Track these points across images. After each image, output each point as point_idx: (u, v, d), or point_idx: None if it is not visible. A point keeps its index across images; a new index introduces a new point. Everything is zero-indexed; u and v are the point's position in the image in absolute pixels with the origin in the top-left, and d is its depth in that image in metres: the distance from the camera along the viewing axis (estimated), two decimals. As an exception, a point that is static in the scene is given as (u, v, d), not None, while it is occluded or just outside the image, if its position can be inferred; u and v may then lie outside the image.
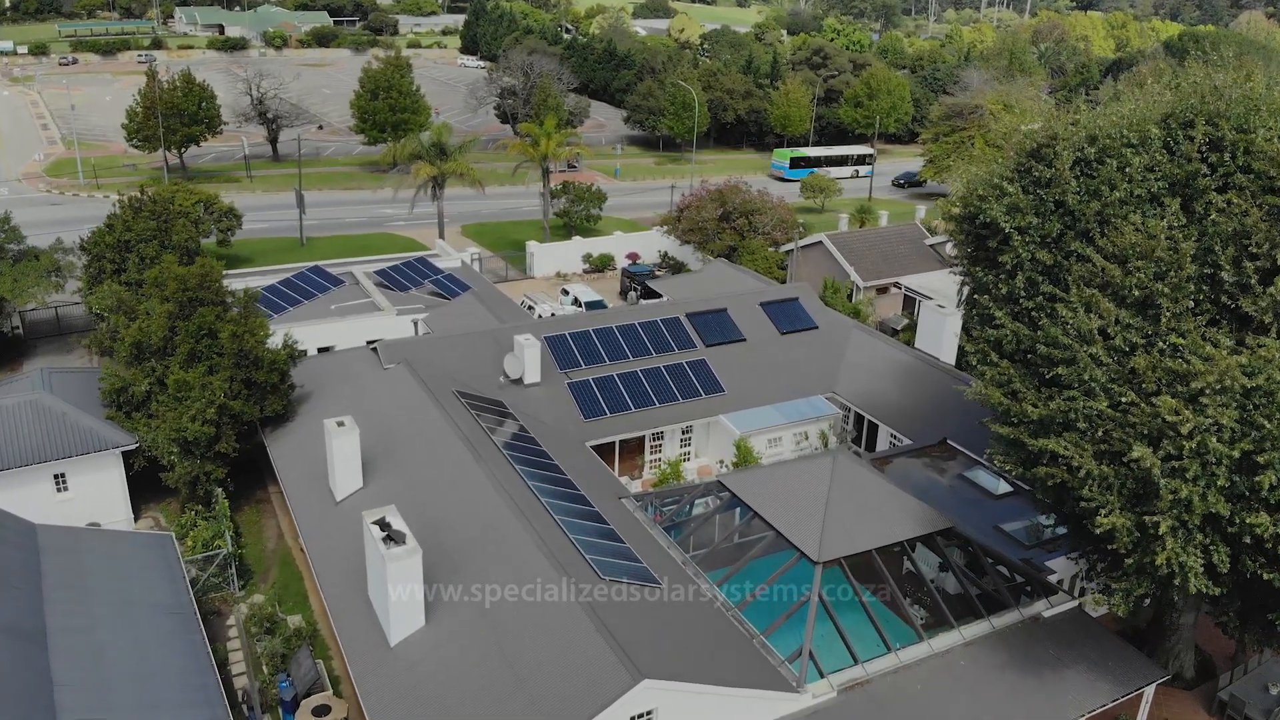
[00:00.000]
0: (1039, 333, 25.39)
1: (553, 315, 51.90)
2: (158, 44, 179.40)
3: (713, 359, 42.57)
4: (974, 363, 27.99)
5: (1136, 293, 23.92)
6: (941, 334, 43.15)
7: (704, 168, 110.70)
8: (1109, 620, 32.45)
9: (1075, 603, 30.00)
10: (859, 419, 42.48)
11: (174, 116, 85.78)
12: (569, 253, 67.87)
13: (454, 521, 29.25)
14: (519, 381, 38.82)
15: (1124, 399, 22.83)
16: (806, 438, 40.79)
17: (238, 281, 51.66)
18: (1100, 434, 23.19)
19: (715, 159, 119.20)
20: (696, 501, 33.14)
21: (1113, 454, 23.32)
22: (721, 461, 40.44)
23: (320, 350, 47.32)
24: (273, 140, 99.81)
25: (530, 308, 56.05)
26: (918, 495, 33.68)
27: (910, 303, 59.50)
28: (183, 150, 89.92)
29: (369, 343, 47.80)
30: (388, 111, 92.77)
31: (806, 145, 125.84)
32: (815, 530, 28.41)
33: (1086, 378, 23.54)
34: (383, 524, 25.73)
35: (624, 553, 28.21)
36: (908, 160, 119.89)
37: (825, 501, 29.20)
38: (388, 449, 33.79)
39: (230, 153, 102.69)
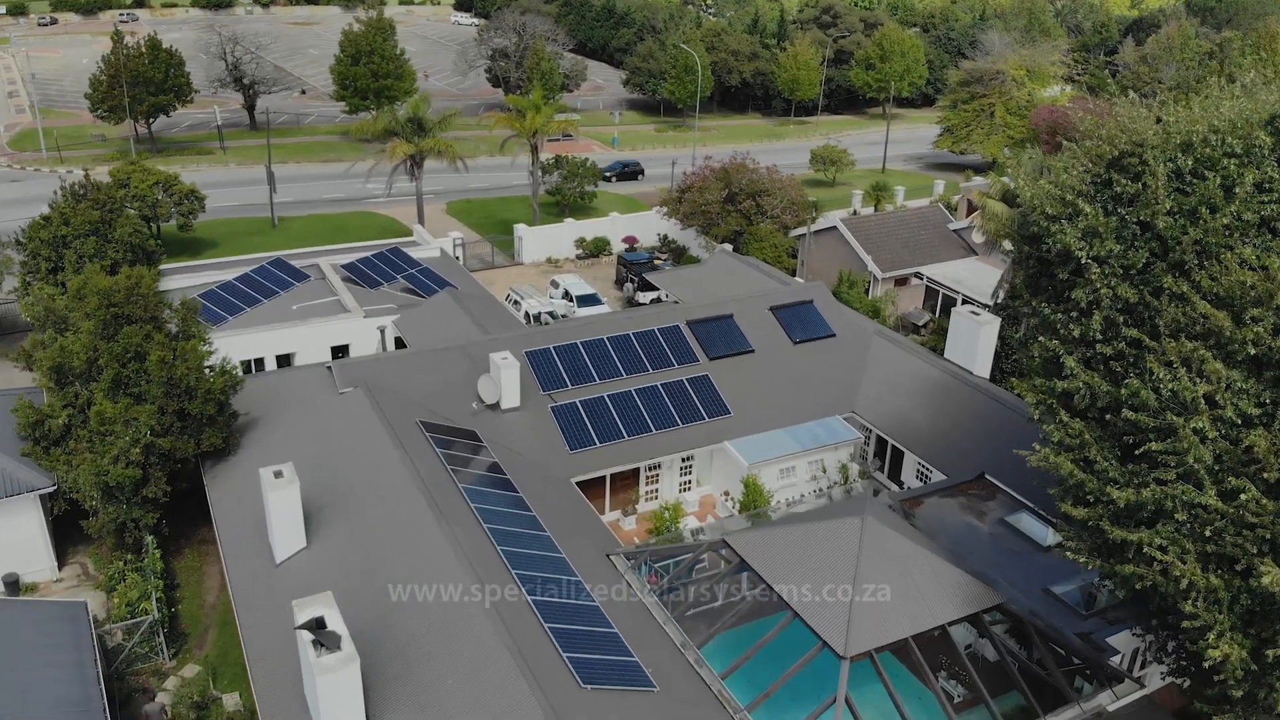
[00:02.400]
0: (1122, 390, 20.41)
1: (539, 318, 46.86)
2: (140, 2, 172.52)
3: (717, 374, 37.62)
4: (1035, 416, 23.06)
5: (1252, 349, 18.92)
6: (976, 343, 38.13)
7: (707, 135, 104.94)
8: (1170, 697, 27.83)
9: (1144, 692, 25.37)
10: (881, 443, 37.63)
11: (140, 85, 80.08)
12: (560, 236, 62.64)
13: (407, 601, 24.50)
14: (495, 407, 33.95)
15: (1240, 491, 17.93)
16: (824, 470, 35.95)
17: (188, 279, 46.94)
18: (1208, 532, 18.32)
19: (719, 125, 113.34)
20: (700, 559, 28.37)
21: (1223, 557, 18.46)
22: (727, 494, 35.66)
23: (279, 359, 42.60)
24: (250, 108, 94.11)
25: (516, 303, 51.05)
26: (954, 546, 29.12)
27: (933, 294, 54.42)
28: (150, 120, 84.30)
29: (334, 351, 43.12)
30: (369, 78, 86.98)
31: (816, 111, 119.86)
32: (842, 615, 23.68)
33: (1190, 460, 18.62)
34: (313, 626, 20.97)
35: (610, 642, 23.52)
36: (923, 126, 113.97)
37: (853, 577, 24.42)
38: (339, 495, 29.00)
39: (206, 121, 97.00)
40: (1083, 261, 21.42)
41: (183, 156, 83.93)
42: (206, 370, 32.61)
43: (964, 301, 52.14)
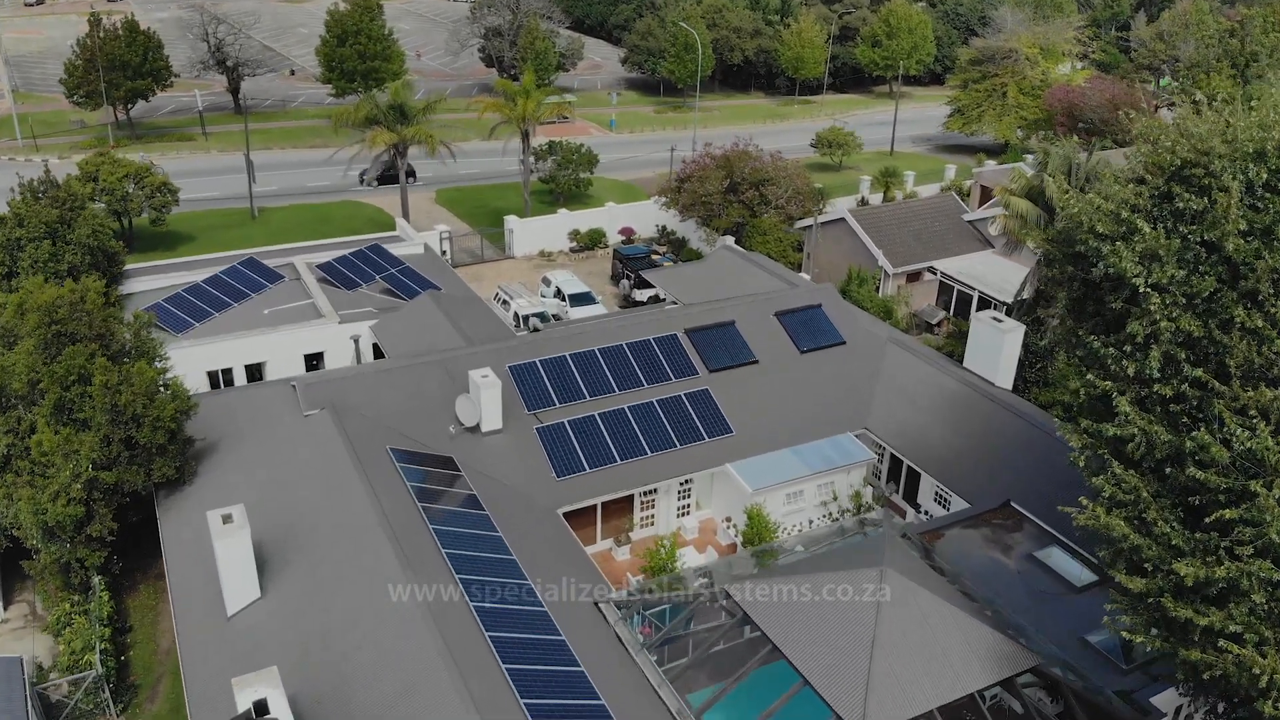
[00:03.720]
0: (1187, 441, 17.51)
1: (529, 321, 43.91)
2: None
3: (718, 388, 34.74)
4: (1079, 463, 20.18)
5: (1346, 401, 16.02)
6: (999, 353, 35.18)
7: (709, 116, 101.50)
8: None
9: (1197, 762, 22.63)
10: (896, 461, 34.77)
11: (117, 69, 76.80)
12: (553, 228, 59.57)
13: (366, 669, 21.75)
14: (475, 429, 31.10)
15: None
16: (835, 496, 33.11)
17: (154, 280, 44.05)
18: (1296, 620, 15.50)
19: (721, 105, 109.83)
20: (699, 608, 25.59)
21: (1314, 649, 15.64)
22: (729, 520, 32.85)
23: (249, 370, 39.77)
24: (234, 91, 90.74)
25: (504, 302, 48.12)
26: (979, 587, 26.40)
27: (946, 290, 51.41)
28: (129, 106, 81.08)
29: (307, 359, 40.29)
30: (356, 59, 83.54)
31: (820, 90, 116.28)
32: (859, 684, 20.94)
33: (1272, 534, 15.75)
34: (252, 714, 18.22)
35: (594, 716, 20.77)
36: (931, 105, 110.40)
37: (871, 640, 21.65)
38: (299, 536, 26.22)
39: (190, 105, 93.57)
40: (1141, 290, 18.43)
41: (163, 143, 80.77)
42: (161, 390, 29.85)
43: (980, 300, 49.16)
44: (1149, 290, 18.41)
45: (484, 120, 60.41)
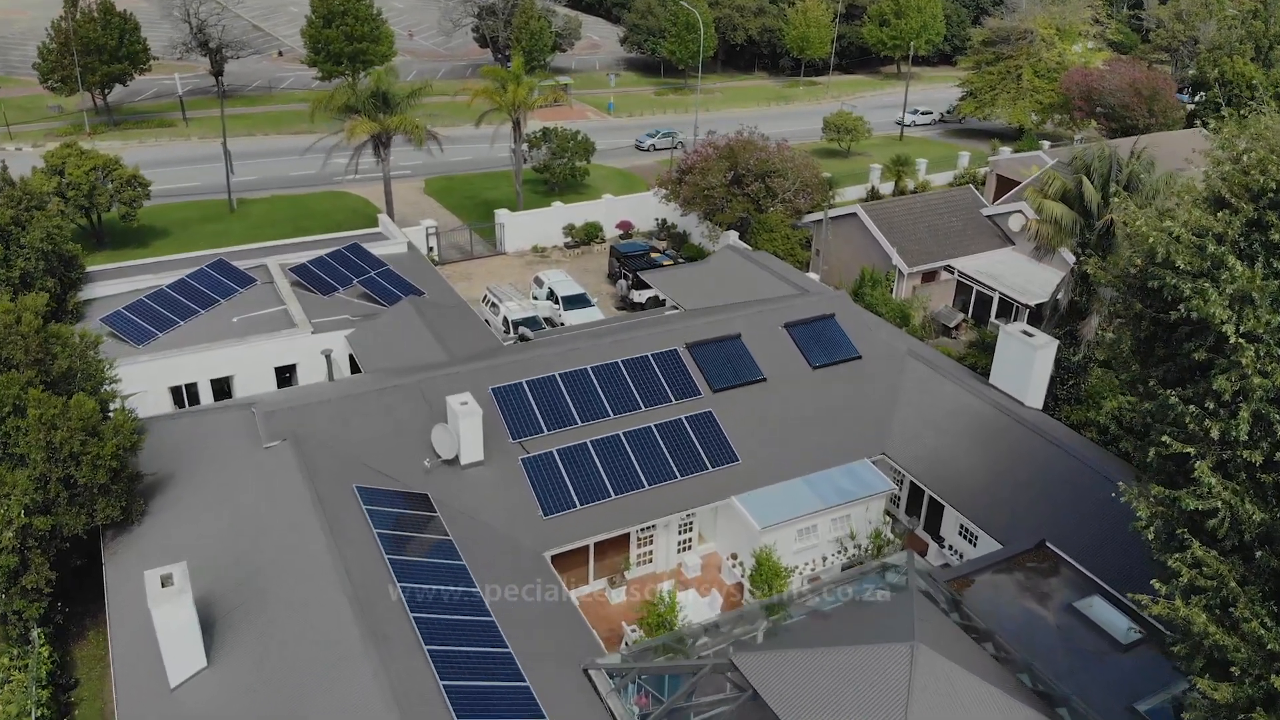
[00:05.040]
0: (1285, 522, 14.57)
1: (518, 328, 40.85)
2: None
3: (722, 410, 31.77)
4: (1150, 539, 17.23)
5: None
6: (1029, 370, 32.21)
7: (711, 99, 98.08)
8: None
9: None
10: (916, 490, 31.86)
11: (92, 53, 73.40)
12: (547, 222, 56.38)
13: (322, 765, 18.94)
14: (454, 461, 28.16)
15: None
16: (852, 535, 30.18)
17: (116, 284, 41.03)
18: None
19: (723, 86, 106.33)
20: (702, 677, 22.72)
21: None
22: (735, 558, 29.97)
23: (215, 385, 36.86)
24: (217, 74, 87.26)
25: (493, 305, 45.09)
26: (1013, 643, 23.52)
27: (964, 290, 48.33)
28: (105, 91, 77.74)
29: (278, 372, 37.36)
30: (343, 41, 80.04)
31: (826, 71, 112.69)
32: (885, 787, 18.08)
33: None
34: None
35: (584, 824, 17.94)
36: (941, 86, 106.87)
37: (899, 731, 18.79)
38: (252, 594, 23.34)
39: (173, 89, 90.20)
40: (1230, 339, 15.41)
41: (142, 129, 77.48)
42: (109, 418, 26.97)
43: (1001, 302, 46.10)
44: (1240, 340, 15.39)
45: (475, 105, 57.08)
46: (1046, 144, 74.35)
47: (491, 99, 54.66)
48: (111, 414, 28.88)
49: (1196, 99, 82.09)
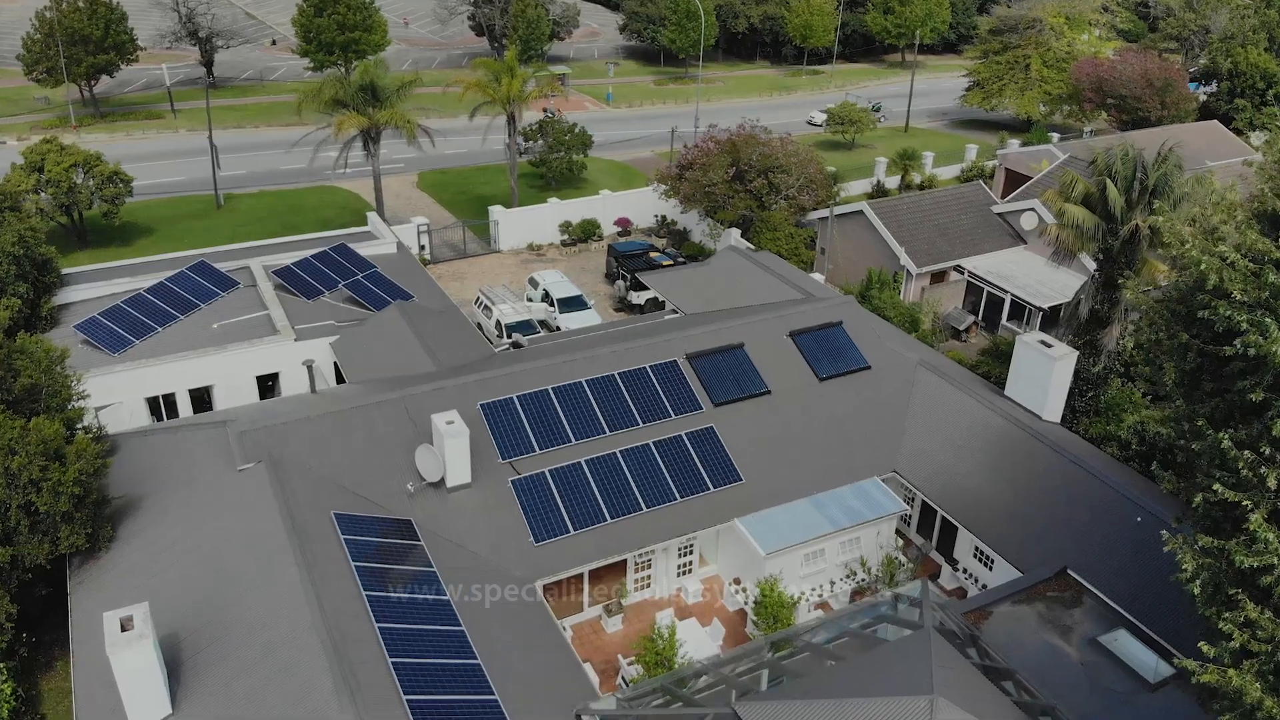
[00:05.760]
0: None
1: (512, 339, 39.14)
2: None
3: (725, 425, 30.14)
4: (1193, 590, 15.61)
5: None
6: (1047, 383, 30.56)
7: (712, 89, 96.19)
8: None
9: None
10: (928, 510, 30.25)
11: (77, 44, 71.52)
12: (543, 219, 54.62)
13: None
14: (439, 484, 26.55)
15: None
16: (864, 564, 28.54)
17: (93, 288, 39.42)
18: None
19: (725, 76, 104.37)
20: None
21: None
22: (738, 583, 28.38)
23: (194, 395, 35.29)
24: (208, 64, 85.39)
25: (486, 308, 43.45)
26: (1035, 683, 21.95)
27: (974, 290, 46.62)
28: (92, 83, 75.88)
29: (260, 382, 35.78)
30: (335, 30, 78.11)
31: (830, 59, 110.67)
32: None
33: None
34: None
35: None
36: (946, 76, 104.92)
37: (918, 798, 17.21)
38: (221, 633, 21.75)
39: (162, 79, 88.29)
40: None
41: (129, 122, 75.68)
42: (76, 436, 25.40)
43: (1013, 304, 44.43)
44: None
45: (469, 98, 55.20)
46: (1056, 137, 72.54)
47: (484, 92, 52.85)
48: (80, 431, 27.45)
49: (1207, 90, 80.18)
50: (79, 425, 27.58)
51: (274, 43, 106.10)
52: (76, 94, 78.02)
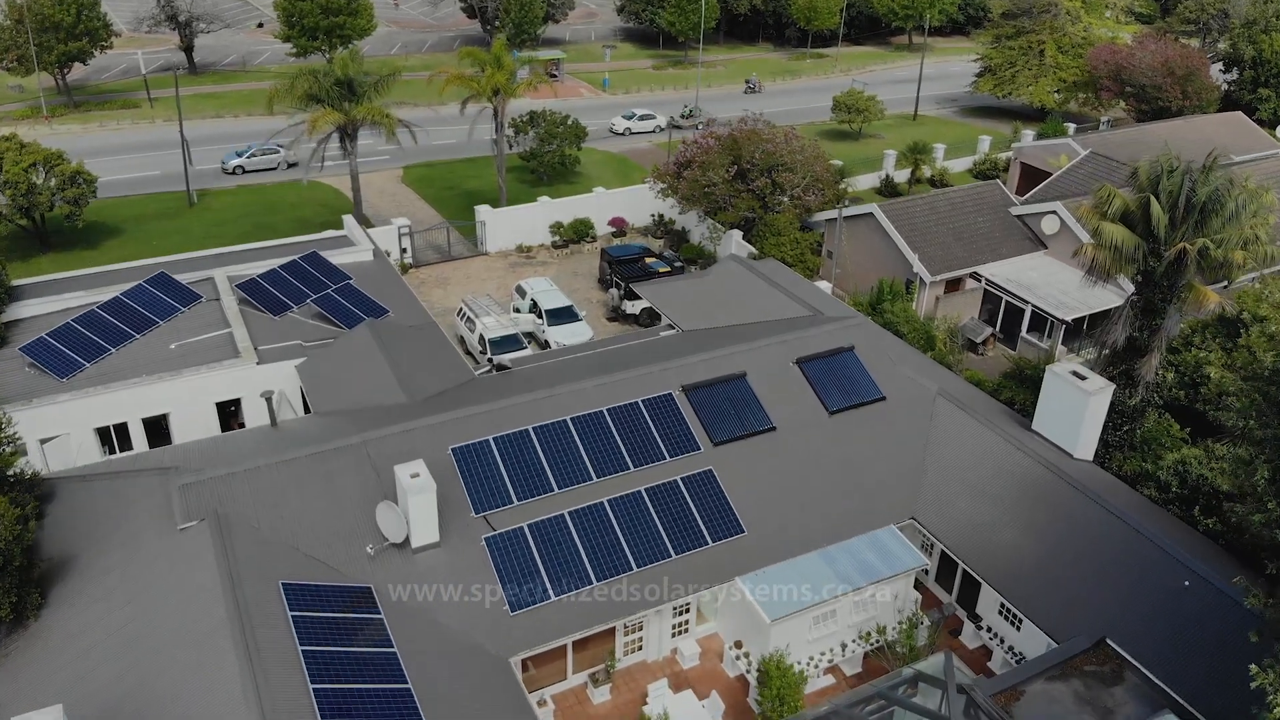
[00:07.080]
0: None
1: (496, 363, 36.12)
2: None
3: (725, 468, 27.28)
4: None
5: None
6: (1080, 418, 27.69)
7: (713, 73, 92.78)
8: None
9: None
10: (947, 562, 27.43)
11: (47, 31, 68.22)
12: (533, 219, 51.52)
13: None
14: (404, 544, 23.71)
15: None
16: (881, 630, 25.69)
17: (45, 303, 36.61)
18: None
19: (726, 59, 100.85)
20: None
21: None
22: (740, 648, 25.57)
23: (148, 425, 32.45)
24: (188, 49, 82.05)
25: (469, 321, 40.53)
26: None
27: (991, 299, 43.64)
28: (65, 70, 72.60)
29: (220, 409, 32.95)
30: (318, 14, 74.73)
31: (835, 42, 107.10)
32: None
33: None
34: None
35: None
36: (955, 60, 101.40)
37: None
38: (150, 731, 19.01)
39: (139, 66, 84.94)
40: None
41: (103, 111, 72.45)
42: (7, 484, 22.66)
43: (1034, 315, 41.46)
44: None
45: (451, 91, 52.00)
46: (1072, 128, 69.28)
47: (468, 85, 49.61)
48: (11, 477, 24.69)
49: (1228, 78, 76.81)
50: (9, 473, 24.79)
51: (260, 25, 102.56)
52: (50, 82, 74.81)
